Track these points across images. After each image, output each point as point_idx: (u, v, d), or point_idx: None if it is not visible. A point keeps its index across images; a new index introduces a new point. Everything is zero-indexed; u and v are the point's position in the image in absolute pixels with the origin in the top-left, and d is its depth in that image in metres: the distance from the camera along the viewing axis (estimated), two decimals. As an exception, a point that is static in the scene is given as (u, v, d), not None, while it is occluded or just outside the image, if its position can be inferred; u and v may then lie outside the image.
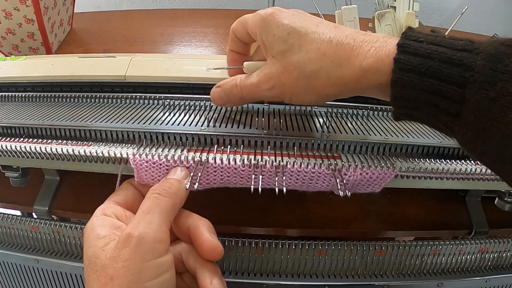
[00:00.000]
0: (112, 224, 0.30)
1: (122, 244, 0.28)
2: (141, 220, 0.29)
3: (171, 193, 0.31)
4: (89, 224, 0.31)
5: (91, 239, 0.29)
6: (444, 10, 1.21)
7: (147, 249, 0.28)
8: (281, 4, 0.47)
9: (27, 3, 0.70)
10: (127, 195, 0.34)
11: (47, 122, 0.38)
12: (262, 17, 0.34)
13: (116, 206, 0.33)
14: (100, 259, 0.28)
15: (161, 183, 0.32)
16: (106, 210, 0.32)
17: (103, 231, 0.30)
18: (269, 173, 0.33)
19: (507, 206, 0.40)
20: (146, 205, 0.30)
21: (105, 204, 0.33)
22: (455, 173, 0.34)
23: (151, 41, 0.88)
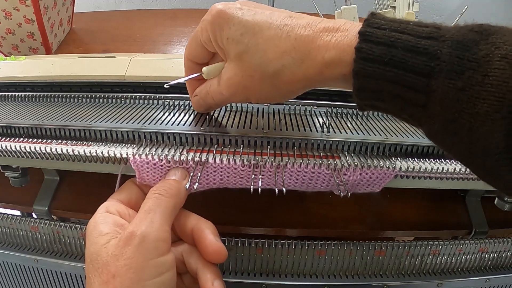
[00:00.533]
0: (115, 221, 0.30)
1: (124, 242, 0.28)
2: (143, 219, 0.29)
3: (171, 194, 0.31)
4: (92, 221, 0.31)
5: (94, 236, 0.29)
6: (444, 10, 1.21)
7: (149, 248, 0.28)
8: (281, 4, 0.47)
9: (27, 3, 0.70)
10: (131, 194, 0.34)
11: (47, 122, 0.38)
12: (210, 21, 0.32)
13: (119, 204, 0.33)
14: (102, 256, 0.28)
15: (161, 183, 0.32)
16: (110, 207, 0.32)
17: (105, 228, 0.30)
18: (269, 173, 0.33)
19: (506, 206, 0.40)
20: (148, 205, 0.30)
21: (108, 202, 0.33)
22: (455, 173, 0.34)
23: (151, 41, 0.88)
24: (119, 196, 0.34)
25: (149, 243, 0.28)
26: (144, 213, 0.30)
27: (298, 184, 0.33)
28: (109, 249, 0.28)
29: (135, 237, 0.28)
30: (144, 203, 0.31)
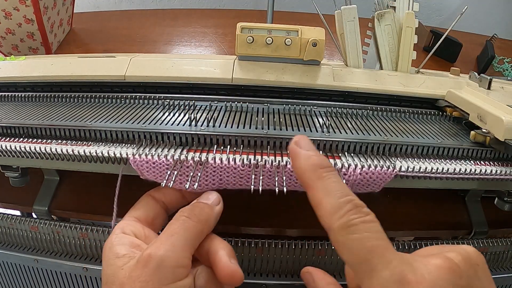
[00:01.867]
0: (131, 242, 0.30)
1: (141, 264, 0.27)
2: (164, 242, 0.28)
3: (200, 219, 0.30)
4: (108, 242, 0.30)
5: (110, 257, 0.29)
6: (444, 10, 1.21)
7: (166, 273, 0.27)
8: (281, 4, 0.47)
9: (27, 3, 0.70)
10: (148, 211, 0.33)
11: (47, 122, 0.38)
12: None
13: (136, 223, 0.32)
14: (118, 277, 0.27)
15: (193, 206, 0.32)
16: (125, 228, 0.31)
17: (122, 249, 0.29)
18: (269, 173, 0.33)
19: (506, 206, 0.40)
20: (173, 227, 0.29)
21: (124, 221, 0.32)
22: (455, 173, 0.34)
23: (151, 41, 0.88)
24: (136, 213, 0.33)
25: (166, 268, 0.27)
26: (166, 235, 0.29)
27: (298, 185, 0.33)
28: (126, 270, 0.27)
29: (152, 260, 0.27)
30: (170, 224, 0.30)
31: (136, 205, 0.34)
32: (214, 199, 0.33)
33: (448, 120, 0.45)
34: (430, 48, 0.87)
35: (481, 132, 0.37)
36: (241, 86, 0.46)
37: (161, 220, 0.34)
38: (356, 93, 0.46)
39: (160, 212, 0.34)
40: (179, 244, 0.28)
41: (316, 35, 0.45)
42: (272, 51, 0.46)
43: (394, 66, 0.51)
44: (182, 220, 0.30)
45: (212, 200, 0.33)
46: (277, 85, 0.46)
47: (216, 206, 0.32)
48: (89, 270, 0.40)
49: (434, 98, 0.47)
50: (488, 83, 0.45)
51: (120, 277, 0.27)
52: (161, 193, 0.34)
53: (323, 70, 0.47)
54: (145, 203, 0.34)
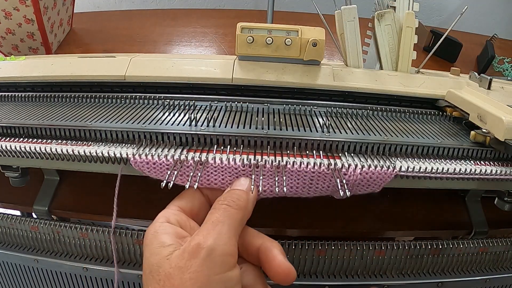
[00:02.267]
0: (177, 233, 0.29)
1: (190, 255, 0.27)
2: (211, 231, 0.28)
3: (240, 206, 0.30)
4: (151, 230, 0.30)
5: (154, 246, 0.28)
6: (444, 10, 1.21)
7: (217, 262, 0.27)
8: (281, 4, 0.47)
9: (27, 3, 0.70)
10: (193, 202, 0.33)
11: (47, 122, 0.38)
12: None
13: (180, 213, 0.31)
14: (164, 268, 0.27)
15: (229, 194, 0.31)
16: (170, 217, 0.31)
17: (168, 239, 0.28)
18: (269, 173, 0.33)
19: (506, 206, 0.40)
20: (216, 216, 0.29)
21: (169, 210, 0.31)
22: (455, 173, 0.34)
23: (151, 41, 0.88)
24: (181, 203, 0.32)
25: (216, 257, 0.27)
26: (212, 224, 0.28)
27: (299, 185, 0.33)
28: (173, 261, 0.27)
29: (202, 250, 0.27)
30: (211, 214, 0.30)
31: (182, 195, 0.33)
32: (248, 185, 0.32)
33: (448, 120, 0.45)
34: (430, 48, 0.87)
35: (481, 132, 0.37)
36: (241, 86, 0.46)
37: (204, 214, 0.33)
38: (356, 93, 0.46)
39: (205, 206, 0.33)
40: (225, 232, 0.28)
41: (316, 35, 0.45)
42: (272, 51, 0.46)
43: (394, 66, 0.51)
44: (223, 208, 0.30)
45: (246, 186, 0.32)
46: (277, 85, 0.46)
47: (250, 192, 0.32)
48: (89, 270, 0.40)
49: (434, 98, 0.47)
50: (488, 83, 0.45)
51: (166, 267, 0.27)
52: (209, 189, 0.34)
53: (323, 70, 0.47)
54: (192, 194, 0.33)
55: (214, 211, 0.30)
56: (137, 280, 0.39)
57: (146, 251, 0.29)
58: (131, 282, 0.40)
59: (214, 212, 0.30)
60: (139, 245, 0.39)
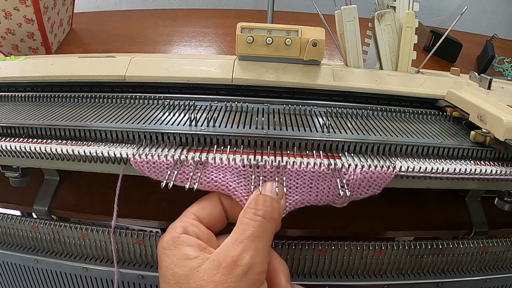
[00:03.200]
0: (199, 244, 0.29)
1: (226, 270, 0.27)
2: (248, 247, 0.27)
3: (274, 218, 0.29)
4: (169, 240, 0.30)
5: (178, 258, 0.28)
6: (444, 10, 1.21)
7: (252, 279, 0.27)
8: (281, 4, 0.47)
9: (27, 3, 0.70)
10: (213, 214, 0.32)
11: (47, 122, 0.38)
12: None
13: (198, 224, 0.31)
14: (195, 280, 0.27)
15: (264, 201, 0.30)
16: (188, 229, 0.30)
17: (192, 251, 0.28)
18: (269, 173, 0.33)
19: (506, 206, 0.40)
20: (252, 230, 0.28)
21: (187, 219, 0.31)
22: (455, 173, 0.34)
23: (151, 41, 0.88)
24: (199, 212, 0.32)
25: (252, 275, 0.27)
26: (249, 240, 0.28)
27: (298, 186, 0.33)
28: (204, 273, 0.27)
29: (239, 266, 0.26)
30: (247, 226, 0.29)
31: (202, 204, 0.33)
32: (280, 192, 0.31)
33: (448, 120, 0.45)
34: (430, 48, 0.87)
35: (481, 132, 0.37)
36: (241, 86, 0.46)
37: (221, 226, 0.33)
38: (356, 93, 0.46)
39: (223, 219, 0.33)
40: (261, 249, 0.28)
41: (316, 35, 0.45)
42: (272, 51, 0.46)
43: (394, 66, 0.51)
44: (260, 221, 0.29)
45: (278, 193, 0.31)
46: (277, 85, 0.46)
47: (281, 201, 0.31)
48: (89, 270, 0.40)
49: (434, 98, 0.47)
50: (488, 83, 0.45)
51: (196, 279, 0.27)
52: (230, 202, 0.33)
53: (323, 70, 0.47)
54: (212, 205, 0.33)
55: (250, 223, 0.29)
56: (137, 280, 0.39)
57: (167, 261, 0.29)
58: (131, 282, 0.40)
59: (250, 225, 0.29)
60: (139, 245, 0.39)
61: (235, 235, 0.29)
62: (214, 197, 0.33)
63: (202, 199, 0.33)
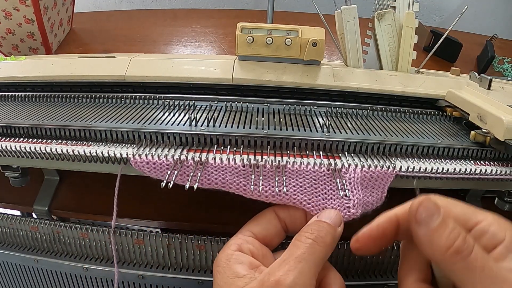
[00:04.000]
0: (250, 263, 0.29)
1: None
2: (293, 268, 0.27)
3: (326, 243, 0.29)
4: (223, 258, 0.30)
5: (228, 276, 0.28)
6: (444, 10, 1.21)
7: None
8: (281, 4, 0.47)
9: (27, 3, 0.70)
10: (269, 229, 0.32)
11: (47, 122, 0.38)
12: None
13: (254, 241, 0.31)
14: None
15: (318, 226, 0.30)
16: (243, 246, 0.30)
17: (241, 269, 0.28)
18: (270, 173, 0.33)
19: (506, 206, 0.40)
20: (301, 252, 0.28)
21: (242, 237, 0.31)
22: (455, 173, 0.34)
23: (151, 41, 0.88)
24: (256, 229, 0.32)
25: None
26: (295, 261, 0.27)
27: (298, 185, 0.33)
28: None
29: (281, 286, 0.26)
30: (296, 247, 0.28)
31: (257, 220, 0.33)
32: (336, 220, 0.31)
33: (448, 120, 0.45)
34: (430, 48, 0.87)
35: (481, 132, 0.37)
36: (241, 86, 0.46)
37: (279, 240, 0.33)
38: (356, 93, 0.46)
39: (280, 233, 0.33)
40: (307, 272, 0.27)
41: (316, 35, 0.45)
42: (272, 51, 0.46)
43: (394, 66, 0.51)
44: (309, 244, 0.28)
45: (334, 220, 0.31)
46: (277, 85, 0.46)
47: (338, 228, 0.31)
48: (89, 270, 0.40)
49: (434, 98, 0.47)
50: (488, 83, 0.45)
51: None
52: (287, 213, 0.33)
53: (323, 70, 0.47)
54: (268, 220, 0.32)
55: (299, 245, 0.29)
56: (137, 280, 0.39)
57: (219, 279, 0.29)
58: (131, 282, 0.40)
59: (300, 246, 0.28)
60: (139, 245, 0.39)
61: (284, 256, 0.28)
62: (269, 211, 0.33)
63: (257, 216, 0.33)
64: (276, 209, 0.33)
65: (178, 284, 0.39)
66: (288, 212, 0.33)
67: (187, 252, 0.38)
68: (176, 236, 0.38)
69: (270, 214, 0.33)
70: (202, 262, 0.39)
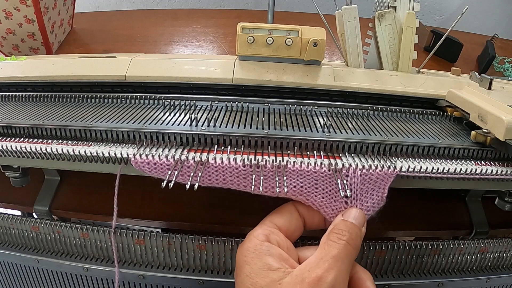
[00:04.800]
0: (280, 255, 0.29)
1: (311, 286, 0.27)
2: (333, 266, 0.28)
3: (357, 246, 0.30)
4: (251, 247, 0.30)
5: (259, 266, 0.28)
6: (445, 10, 1.21)
7: None
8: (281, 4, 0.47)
9: (28, 3, 0.70)
10: (291, 222, 0.32)
11: (47, 122, 0.38)
12: None
13: (278, 232, 0.31)
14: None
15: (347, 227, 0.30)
16: (270, 236, 0.30)
17: (273, 262, 0.29)
18: (270, 173, 0.33)
19: (507, 206, 0.40)
20: (337, 251, 0.29)
21: (267, 227, 0.31)
22: (455, 173, 0.34)
23: (152, 41, 0.88)
24: (279, 221, 0.32)
25: None
26: (333, 259, 0.28)
27: (298, 186, 0.33)
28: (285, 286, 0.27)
29: (324, 283, 0.27)
30: (331, 247, 0.29)
31: (279, 212, 0.33)
32: (361, 220, 0.32)
33: (448, 120, 0.45)
34: (430, 48, 0.87)
35: (482, 132, 0.37)
36: (241, 86, 0.46)
37: (298, 235, 0.33)
38: (357, 93, 0.46)
39: (300, 227, 0.33)
40: (344, 270, 0.28)
41: (317, 35, 0.45)
42: (273, 51, 0.46)
43: (394, 66, 0.51)
44: (343, 245, 0.29)
45: (359, 220, 0.31)
46: (277, 85, 0.46)
47: (362, 228, 0.31)
48: (89, 270, 0.40)
49: (435, 98, 0.47)
50: (488, 83, 0.45)
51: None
52: (306, 210, 0.33)
53: (323, 70, 0.47)
54: (290, 213, 0.33)
55: (334, 245, 0.29)
56: (138, 280, 0.39)
57: (247, 269, 0.29)
58: (131, 282, 0.40)
59: (335, 246, 0.29)
60: (139, 245, 0.39)
61: (320, 254, 0.29)
62: (290, 205, 0.33)
63: (278, 208, 0.33)
64: (295, 204, 0.33)
65: (179, 284, 0.39)
66: (307, 209, 0.33)
67: (188, 252, 0.38)
68: (177, 236, 0.38)
69: (291, 208, 0.33)
70: (203, 262, 0.39)
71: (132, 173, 0.34)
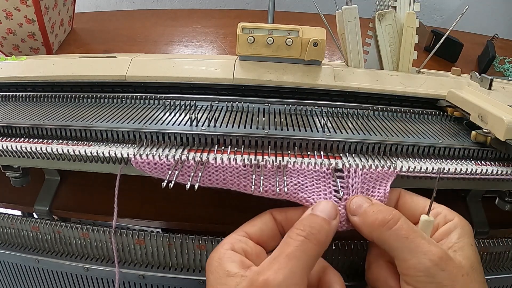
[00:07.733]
0: (242, 262, 0.28)
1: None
2: (283, 267, 0.26)
3: (319, 240, 0.28)
4: (216, 256, 0.29)
5: (220, 275, 0.28)
6: (445, 10, 1.21)
7: None
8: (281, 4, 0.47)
9: (28, 3, 0.70)
10: (264, 230, 0.31)
11: (48, 122, 0.38)
12: None
13: (247, 240, 0.30)
14: None
15: (310, 222, 0.29)
16: (235, 245, 0.30)
17: (233, 268, 0.28)
18: (270, 173, 0.33)
19: (507, 206, 0.40)
20: (291, 250, 0.27)
21: (235, 236, 0.31)
22: (456, 173, 0.34)
23: (152, 41, 0.88)
24: (251, 229, 0.31)
25: None
26: (285, 259, 0.27)
27: (298, 186, 0.33)
28: None
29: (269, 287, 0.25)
30: (287, 245, 0.28)
31: (253, 221, 0.32)
32: (331, 212, 0.30)
33: (449, 120, 0.45)
34: (431, 48, 0.87)
35: (482, 132, 0.37)
36: (242, 86, 0.46)
37: (275, 243, 0.31)
38: (357, 93, 0.46)
39: (276, 235, 0.32)
40: (299, 271, 0.26)
41: (317, 35, 0.45)
42: (273, 51, 0.46)
43: (395, 66, 0.51)
44: (300, 241, 0.27)
45: (328, 213, 0.29)
46: (278, 85, 0.46)
47: (333, 221, 0.29)
48: (90, 270, 0.40)
49: (435, 98, 0.47)
50: (489, 83, 0.45)
51: None
52: (284, 216, 0.32)
53: (324, 70, 0.47)
54: (264, 222, 0.32)
55: (290, 242, 0.28)
56: (138, 280, 0.39)
57: (211, 278, 0.28)
58: (131, 282, 0.40)
59: (290, 244, 0.28)
60: (139, 245, 0.39)
61: (274, 254, 0.28)
62: (266, 213, 0.33)
63: (255, 217, 0.33)
64: (273, 211, 0.33)
65: (179, 284, 0.39)
66: (285, 215, 0.32)
67: (188, 252, 0.38)
68: (177, 236, 0.38)
69: (266, 216, 0.32)
70: (203, 262, 0.39)
71: (132, 173, 0.34)
